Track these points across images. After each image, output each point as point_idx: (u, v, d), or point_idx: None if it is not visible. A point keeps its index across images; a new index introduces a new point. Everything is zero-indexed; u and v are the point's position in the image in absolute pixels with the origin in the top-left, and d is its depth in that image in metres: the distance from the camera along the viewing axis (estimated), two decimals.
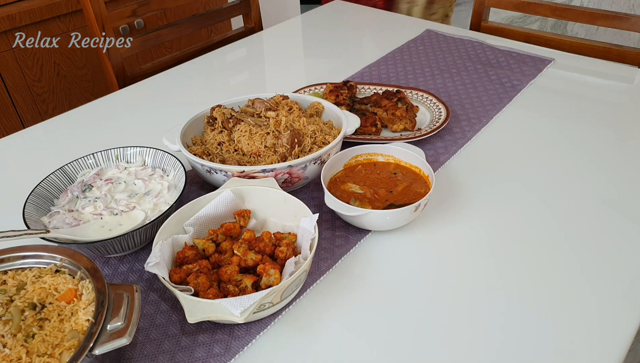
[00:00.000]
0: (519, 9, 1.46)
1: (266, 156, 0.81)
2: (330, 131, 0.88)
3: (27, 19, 1.72)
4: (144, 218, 0.73)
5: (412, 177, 0.82)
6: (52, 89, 1.89)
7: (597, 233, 0.75)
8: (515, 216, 0.79)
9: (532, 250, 0.73)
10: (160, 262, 0.63)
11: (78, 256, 0.59)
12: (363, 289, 0.68)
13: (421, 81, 1.19)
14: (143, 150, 0.85)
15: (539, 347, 0.59)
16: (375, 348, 0.60)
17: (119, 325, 0.52)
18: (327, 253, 0.73)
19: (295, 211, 0.72)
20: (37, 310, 0.55)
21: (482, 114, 1.04)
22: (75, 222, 0.73)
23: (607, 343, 0.59)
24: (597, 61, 1.24)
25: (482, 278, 0.69)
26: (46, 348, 0.51)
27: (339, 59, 1.32)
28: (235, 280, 0.64)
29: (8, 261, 0.61)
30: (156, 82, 1.26)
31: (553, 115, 1.04)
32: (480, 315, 0.64)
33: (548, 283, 0.67)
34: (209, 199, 0.73)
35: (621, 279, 0.67)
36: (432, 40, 1.39)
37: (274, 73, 1.29)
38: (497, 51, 1.30)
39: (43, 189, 0.77)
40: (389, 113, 0.98)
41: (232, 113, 0.88)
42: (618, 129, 1.00)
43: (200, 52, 1.52)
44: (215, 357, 0.59)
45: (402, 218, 0.74)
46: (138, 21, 1.90)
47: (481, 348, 0.60)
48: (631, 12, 2.33)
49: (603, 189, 0.84)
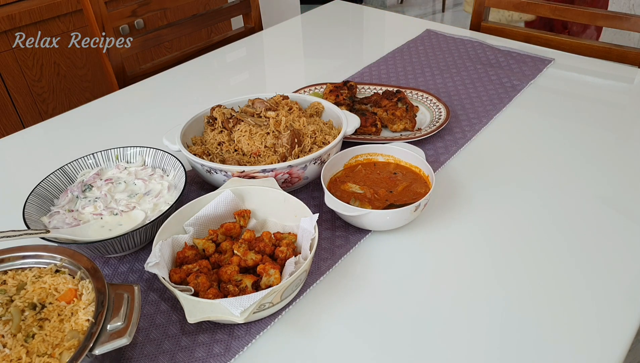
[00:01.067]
0: (519, 9, 1.46)
1: (266, 156, 0.81)
2: (330, 131, 0.88)
3: (27, 19, 1.72)
4: (144, 218, 0.73)
5: (412, 177, 0.82)
6: (52, 89, 1.89)
7: (597, 233, 0.75)
8: (515, 216, 0.79)
9: (532, 250, 0.73)
10: (160, 262, 0.63)
11: (78, 256, 0.59)
12: (363, 289, 0.68)
13: (421, 81, 1.19)
14: (143, 150, 0.85)
15: (539, 346, 0.59)
16: (375, 348, 0.60)
17: (119, 325, 0.52)
18: (327, 253, 0.73)
19: (295, 211, 0.72)
20: (37, 310, 0.55)
21: (482, 114, 1.04)
22: (75, 222, 0.73)
23: (607, 343, 0.59)
24: (597, 61, 1.24)
25: (481, 278, 0.69)
26: (46, 348, 0.51)
27: (339, 59, 1.32)
28: (235, 280, 0.64)
29: (8, 261, 0.61)
30: (156, 82, 1.26)
31: (553, 115, 1.04)
32: (480, 314, 0.64)
33: (548, 283, 0.67)
34: (209, 199, 0.73)
35: (621, 279, 0.67)
36: (432, 40, 1.39)
37: (274, 73, 1.29)
38: (497, 51, 1.30)
39: (43, 189, 0.77)
40: (389, 113, 0.98)
41: (232, 113, 0.88)
42: (618, 129, 1.00)
43: (200, 52, 1.52)
44: (215, 357, 0.59)
45: (402, 218, 0.74)
46: (138, 21, 1.90)
47: (481, 348, 0.60)
48: (631, 12, 2.33)
49: (603, 190, 0.84)
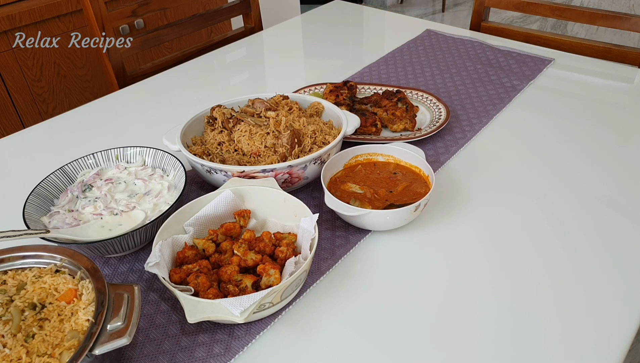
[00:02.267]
0: (519, 9, 1.46)
1: (266, 156, 0.81)
2: (330, 131, 0.88)
3: (27, 19, 1.72)
4: (144, 218, 0.73)
5: (412, 177, 0.82)
6: (52, 89, 1.89)
7: (597, 233, 0.75)
8: (515, 215, 0.79)
9: (532, 250, 0.73)
10: (160, 262, 0.63)
11: (78, 256, 0.59)
12: (363, 289, 0.68)
13: (421, 81, 1.19)
14: (143, 150, 0.85)
15: (539, 346, 0.59)
16: (375, 348, 0.60)
17: (119, 325, 0.52)
18: (327, 253, 0.73)
19: (295, 211, 0.72)
20: (37, 310, 0.55)
21: (482, 114, 1.04)
22: (75, 222, 0.73)
23: (607, 343, 0.59)
24: (597, 61, 1.24)
25: (482, 278, 0.69)
26: (46, 348, 0.51)
27: (339, 59, 1.32)
28: (235, 280, 0.64)
29: (8, 261, 0.61)
30: (156, 82, 1.26)
31: (553, 115, 1.04)
32: (481, 313, 0.64)
33: (548, 283, 0.67)
34: (209, 199, 0.73)
35: (621, 279, 0.67)
36: (432, 40, 1.39)
37: (274, 73, 1.29)
38: (497, 51, 1.30)
39: (43, 189, 0.77)
40: (389, 113, 0.98)
41: (232, 113, 0.88)
42: (618, 129, 1.00)
43: (200, 52, 1.52)
44: (215, 357, 0.59)
45: (402, 218, 0.74)
46: (138, 21, 1.90)
47: (482, 347, 0.60)
48: (631, 12, 2.33)
49: (603, 189, 0.83)
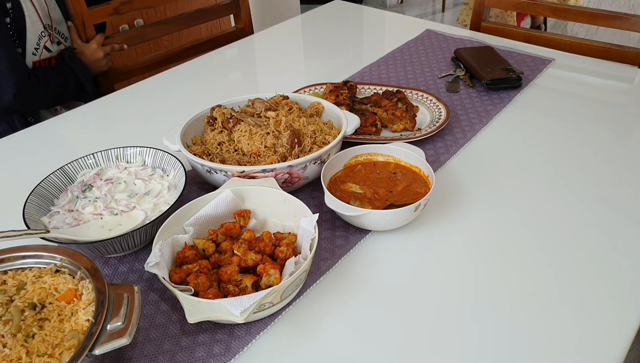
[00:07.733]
0: (519, 9, 1.46)
1: (266, 156, 0.81)
2: (330, 131, 0.88)
3: None
4: (144, 218, 0.73)
5: (412, 177, 0.82)
6: None
7: (597, 233, 0.75)
8: (515, 215, 0.79)
9: (532, 249, 0.73)
10: (160, 262, 0.63)
11: (78, 256, 0.59)
12: (363, 289, 0.68)
13: (421, 81, 1.19)
14: (143, 150, 0.85)
15: (539, 345, 0.59)
16: (375, 348, 0.60)
17: (119, 325, 0.52)
18: (327, 253, 0.73)
19: (295, 211, 0.72)
20: (37, 310, 0.55)
21: (482, 114, 1.04)
22: (75, 222, 0.73)
23: (607, 343, 0.59)
24: (597, 61, 1.24)
25: (482, 277, 0.69)
26: (46, 348, 0.51)
27: (339, 59, 1.32)
28: (235, 280, 0.64)
29: (8, 261, 0.61)
30: (156, 82, 1.26)
31: (553, 115, 1.04)
32: (481, 313, 0.64)
33: (548, 282, 0.67)
34: (209, 199, 0.73)
35: (621, 279, 0.67)
36: (432, 40, 1.39)
37: (274, 73, 1.29)
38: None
39: (43, 189, 0.77)
40: (389, 113, 0.97)
41: (232, 113, 0.88)
42: (618, 129, 1.00)
43: (198, 48, 1.52)
44: (215, 357, 0.59)
45: (402, 218, 0.74)
46: (123, 27, 1.89)
47: (482, 347, 0.60)
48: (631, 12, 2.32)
49: (603, 189, 0.83)
